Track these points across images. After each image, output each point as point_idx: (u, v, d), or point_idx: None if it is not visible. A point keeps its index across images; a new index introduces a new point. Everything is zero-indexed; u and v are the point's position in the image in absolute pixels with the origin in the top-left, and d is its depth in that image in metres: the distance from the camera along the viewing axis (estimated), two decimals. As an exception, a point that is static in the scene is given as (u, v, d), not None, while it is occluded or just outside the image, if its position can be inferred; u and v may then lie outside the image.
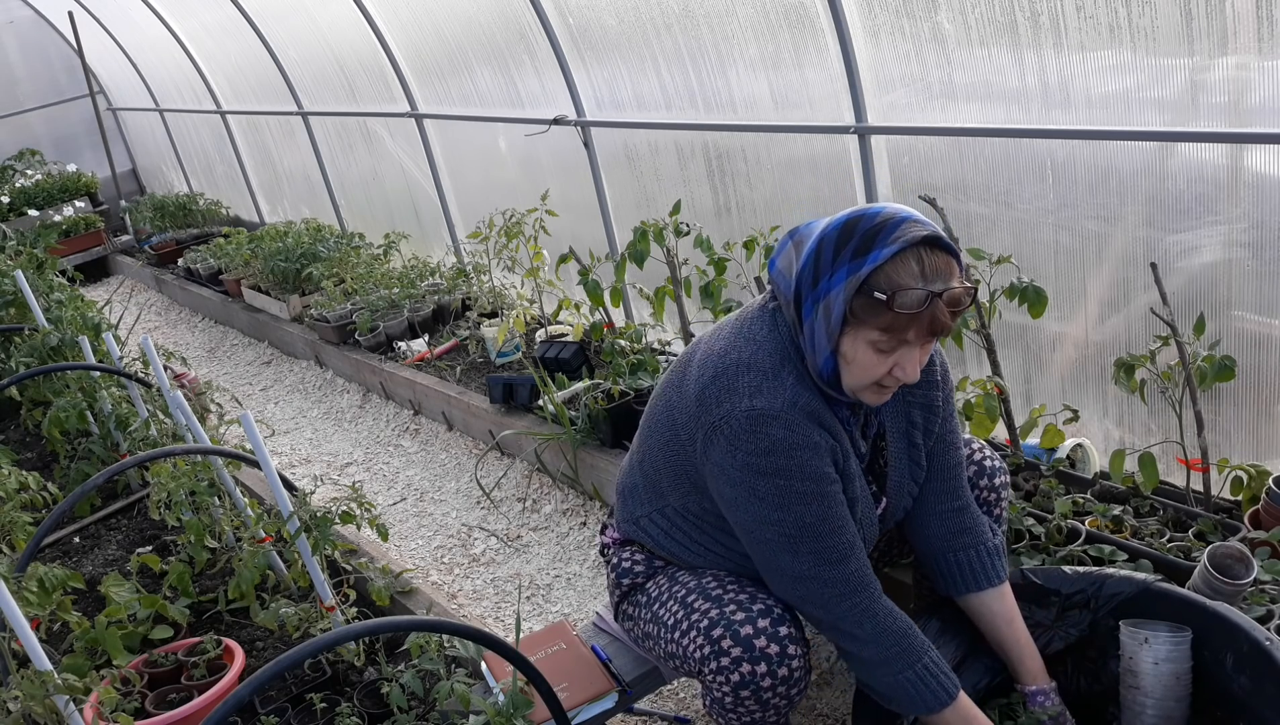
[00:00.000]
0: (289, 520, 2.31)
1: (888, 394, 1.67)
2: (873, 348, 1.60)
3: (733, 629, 1.74)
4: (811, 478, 1.67)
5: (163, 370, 3.02)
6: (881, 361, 1.61)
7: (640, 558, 2.01)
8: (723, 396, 1.69)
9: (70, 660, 2.32)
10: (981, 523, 1.92)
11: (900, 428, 1.84)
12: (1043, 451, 2.69)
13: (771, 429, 1.65)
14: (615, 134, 4.09)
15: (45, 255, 5.80)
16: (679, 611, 1.84)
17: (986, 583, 1.87)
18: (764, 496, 1.68)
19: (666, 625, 1.87)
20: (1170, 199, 2.47)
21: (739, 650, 1.73)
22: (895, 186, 3.10)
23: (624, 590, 2.03)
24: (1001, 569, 1.89)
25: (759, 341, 1.72)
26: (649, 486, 1.94)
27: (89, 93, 9.09)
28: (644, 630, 1.96)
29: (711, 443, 1.71)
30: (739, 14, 3.29)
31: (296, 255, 5.90)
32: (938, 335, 1.59)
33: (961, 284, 1.57)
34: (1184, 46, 2.30)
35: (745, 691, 1.74)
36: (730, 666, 1.73)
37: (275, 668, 1.53)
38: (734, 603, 1.78)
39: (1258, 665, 1.62)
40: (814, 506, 1.67)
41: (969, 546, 1.88)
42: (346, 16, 5.22)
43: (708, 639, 1.76)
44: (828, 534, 1.69)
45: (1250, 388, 2.47)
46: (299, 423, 4.95)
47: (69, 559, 3.38)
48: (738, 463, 1.68)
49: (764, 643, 1.72)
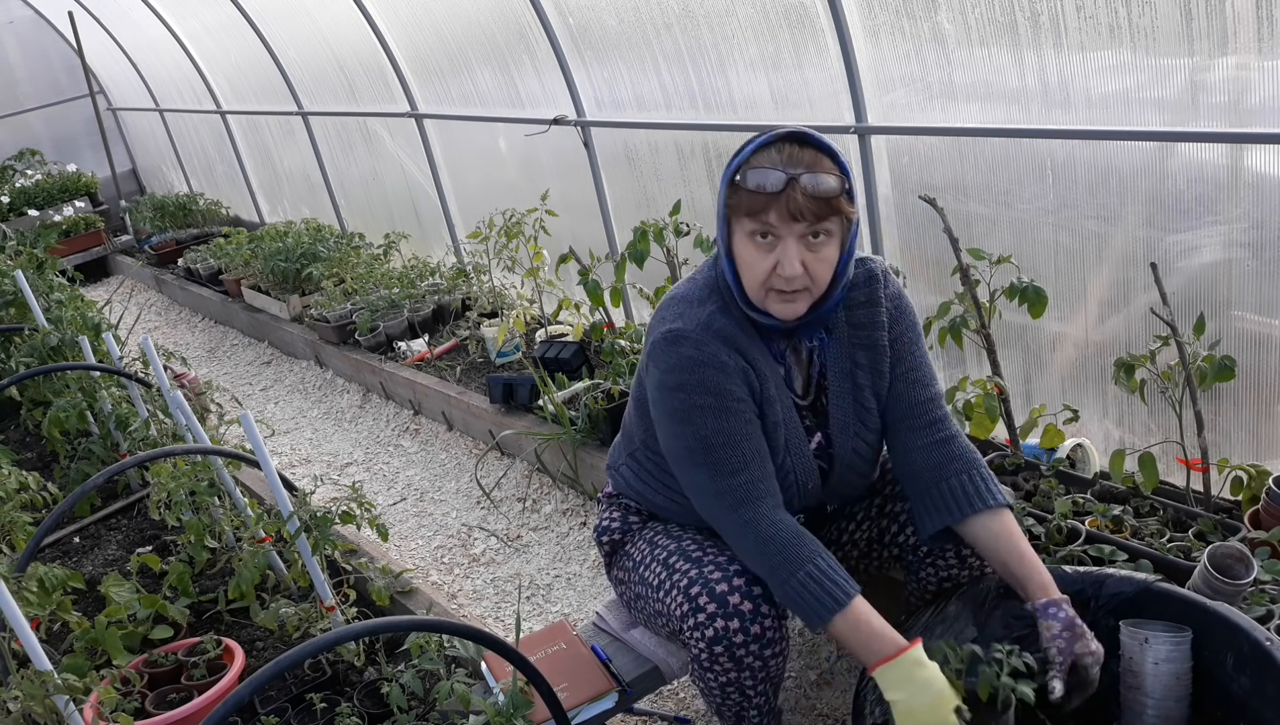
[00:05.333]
0: (289, 520, 2.31)
1: (795, 304, 1.74)
2: (752, 242, 1.71)
3: (709, 587, 1.81)
4: (713, 393, 1.77)
5: (163, 370, 3.02)
6: (762, 257, 1.70)
7: (616, 514, 2.13)
8: (655, 325, 1.86)
9: (70, 660, 2.32)
10: (973, 454, 1.87)
11: (844, 368, 1.89)
12: (1043, 451, 2.69)
13: (682, 348, 1.78)
14: (615, 134, 4.09)
15: (45, 255, 5.80)
16: (661, 572, 1.93)
17: (982, 503, 1.81)
18: (672, 411, 1.81)
19: (651, 585, 1.95)
20: (1170, 199, 2.47)
21: (714, 607, 1.79)
22: (895, 186, 3.10)
23: (607, 551, 2.15)
24: (998, 492, 1.83)
25: (696, 279, 1.88)
26: (625, 433, 2.12)
27: (89, 93, 9.09)
28: (634, 593, 2.05)
29: (645, 369, 1.90)
30: (739, 14, 3.29)
31: (296, 255, 5.90)
32: (803, 222, 1.66)
33: (826, 173, 1.65)
34: (1184, 46, 2.30)
35: (719, 647, 1.80)
36: (705, 622, 1.80)
37: (275, 668, 1.53)
38: (712, 563, 1.86)
39: (1258, 665, 1.62)
40: (712, 420, 1.77)
41: (960, 472, 1.84)
42: (346, 16, 5.22)
43: (686, 597, 1.83)
44: (723, 447, 1.78)
45: (1250, 388, 2.47)
46: (299, 423, 4.95)
47: (69, 559, 3.38)
48: (655, 382, 1.84)
49: (738, 599, 1.79)
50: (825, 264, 1.72)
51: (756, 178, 1.66)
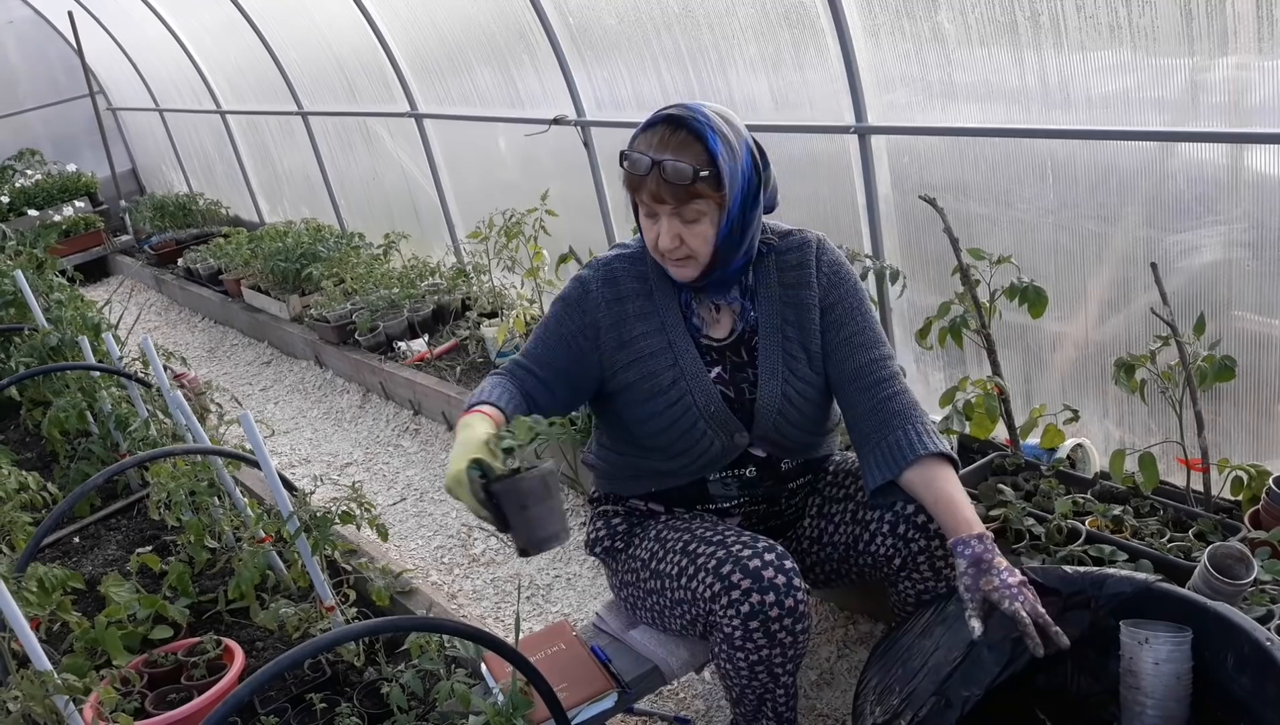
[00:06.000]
0: (289, 520, 2.31)
1: (686, 269, 1.91)
2: (644, 212, 1.89)
3: (741, 563, 1.83)
4: (565, 304, 2.04)
5: (162, 370, 3.02)
6: (649, 227, 1.89)
7: (600, 524, 2.20)
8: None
9: (70, 660, 2.32)
10: (912, 409, 1.94)
11: (774, 323, 2.02)
12: (1043, 451, 2.69)
13: (579, 273, 2.06)
14: (615, 134, 4.09)
15: (45, 255, 5.79)
16: (681, 560, 1.94)
17: (913, 454, 1.86)
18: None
19: (670, 576, 1.96)
20: (1170, 199, 2.46)
21: (748, 582, 1.81)
22: (895, 186, 3.10)
23: (603, 559, 2.20)
24: (931, 442, 1.87)
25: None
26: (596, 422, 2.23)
27: (89, 92, 9.09)
28: (646, 589, 2.06)
29: None
30: (739, 14, 3.28)
31: (296, 255, 5.90)
32: (667, 204, 1.81)
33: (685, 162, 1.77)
34: (1184, 46, 2.30)
35: (754, 622, 1.81)
36: (740, 598, 1.81)
37: (275, 668, 1.53)
38: (739, 542, 1.88)
39: (1259, 666, 1.61)
40: (552, 320, 2.05)
41: (898, 427, 1.91)
42: (346, 16, 5.22)
43: (717, 576, 1.84)
44: (538, 336, 2.06)
45: (1250, 388, 2.47)
46: (299, 423, 4.95)
47: (69, 559, 3.37)
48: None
49: (771, 573, 1.81)
50: (700, 239, 1.86)
51: (630, 159, 1.83)
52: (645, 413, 2.01)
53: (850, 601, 2.75)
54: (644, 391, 2.01)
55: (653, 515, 2.16)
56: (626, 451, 2.11)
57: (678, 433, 2.00)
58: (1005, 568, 1.73)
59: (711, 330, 2.04)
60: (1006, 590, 1.70)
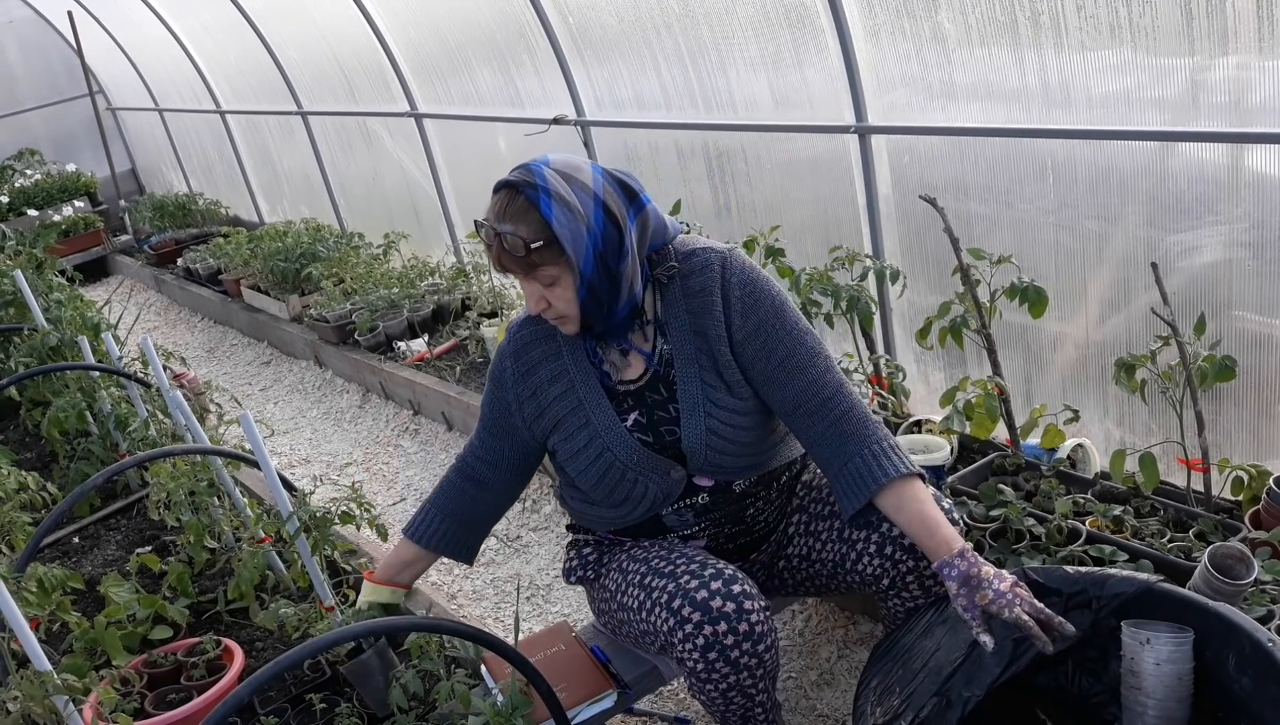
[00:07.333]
0: (288, 520, 2.31)
1: (566, 326, 1.89)
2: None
3: (689, 596, 1.80)
4: (490, 379, 2.08)
5: (162, 370, 3.01)
6: (523, 287, 1.85)
7: (573, 554, 2.19)
8: None
9: (70, 660, 2.32)
10: (865, 429, 1.87)
11: (687, 353, 1.95)
12: (1043, 451, 2.69)
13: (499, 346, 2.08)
14: (615, 134, 4.09)
15: (45, 255, 5.80)
16: (639, 594, 1.92)
17: (875, 482, 1.82)
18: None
19: (632, 609, 1.95)
20: (1171, 199, 2.46)
21: (698, 615, 1.79)
22: (895, 186, 3.10)
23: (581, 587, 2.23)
24: (892, 464, 1.83)
25: None
26: None
27: (88, 92, 9.09)
28: (618, 619, 2.06)
29: None
30: (739, 13, 3.28)
31: (296, 255, 5.90)
32: (516, 273, 1.80)
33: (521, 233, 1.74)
34: (1184, 46, 2.30)
35: (712, 654, 1.79)
36: (694, 633, 1.79)
37: (275, 668, 1.52)
38: (686, 573, 1.86)
39: (1260, 666, 1.61)
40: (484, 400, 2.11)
41: (855, 453, 1.86)
42: (346, 16, 5.22)
43: (669, 611, 1.82)
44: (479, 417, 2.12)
45: (1251, 388, 2.47)
46: (298, 423, 4.94)
47: (68, 559, 3.37)
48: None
49: (719, 603, 1.79)
50: (563, 301, 1.83)
51: (480, 228, 1.81)
52: (576, 470, 2.00)
53: (850, 602, 2.75)
54: (567, 452, 2.00)
55: (620, 544, 2.13)
56: (579, 497, 2.10)
57: (610, 485, 1.98)
58: (994, 575, 1.72)
59: (624, 373, 1.98)
60: (1002, 599, 1.69)
